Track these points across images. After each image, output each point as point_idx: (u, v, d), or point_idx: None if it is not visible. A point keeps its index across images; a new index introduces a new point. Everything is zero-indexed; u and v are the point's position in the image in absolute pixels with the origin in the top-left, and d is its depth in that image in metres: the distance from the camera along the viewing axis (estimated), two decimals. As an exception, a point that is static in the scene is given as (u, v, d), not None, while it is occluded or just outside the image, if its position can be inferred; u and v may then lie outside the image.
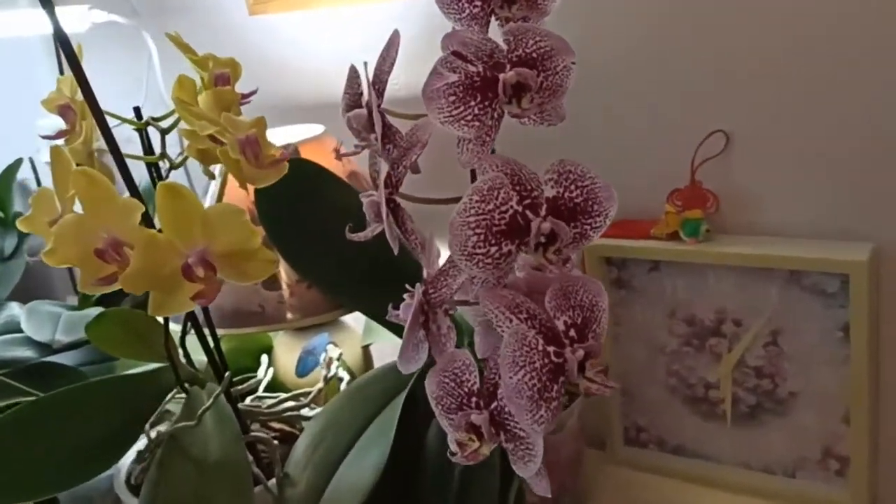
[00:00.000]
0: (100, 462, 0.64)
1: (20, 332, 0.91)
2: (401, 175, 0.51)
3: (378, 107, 0.52)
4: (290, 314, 0.81)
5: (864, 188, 0.76)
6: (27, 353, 0.88)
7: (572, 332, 0.46)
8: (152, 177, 0.64)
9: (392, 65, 0.53)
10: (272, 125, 0.91)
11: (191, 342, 0.70)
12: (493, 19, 0.51)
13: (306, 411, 0.76)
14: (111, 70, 1.16)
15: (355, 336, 0.94)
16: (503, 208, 0.45)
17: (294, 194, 0.70)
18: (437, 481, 0.66)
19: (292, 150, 0.51)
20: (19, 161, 1.16)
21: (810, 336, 0.79)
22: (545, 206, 0.45)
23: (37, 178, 1.17)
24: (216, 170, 0.59)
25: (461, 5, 0.49)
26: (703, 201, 0.81)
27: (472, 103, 0.46)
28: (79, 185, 0.45)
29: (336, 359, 0.81)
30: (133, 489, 0.72)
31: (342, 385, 0.82)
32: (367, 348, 0.95)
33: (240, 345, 0.89)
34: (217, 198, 0.52)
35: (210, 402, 0.63)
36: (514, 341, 0.45)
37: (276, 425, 0.78)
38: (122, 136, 0.63)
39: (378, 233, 0.53)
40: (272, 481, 0.65)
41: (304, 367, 0.90)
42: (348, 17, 1.00)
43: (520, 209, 0.45)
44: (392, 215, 0.51)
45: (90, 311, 0.91)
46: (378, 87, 0.53)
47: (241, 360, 0.90)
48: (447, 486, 0.64)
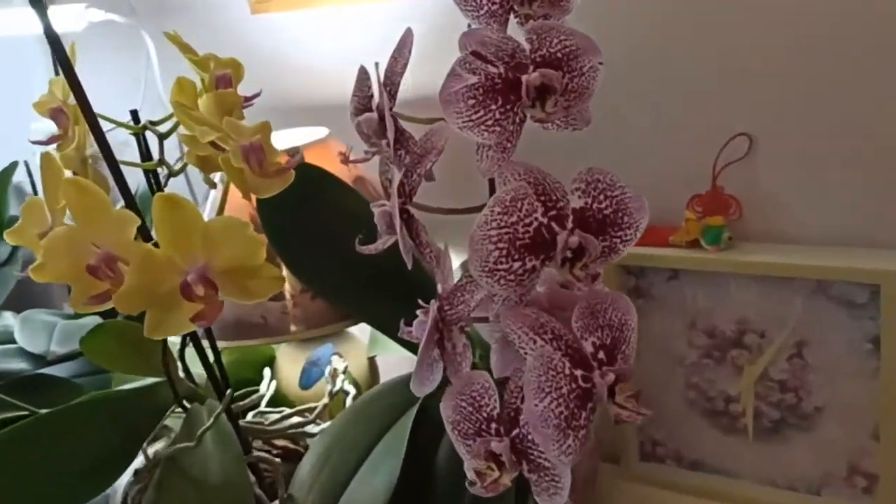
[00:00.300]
0: (96, 483, 0.62)
1: (13, 342, 0.88)
2: (415, 183, 0.48)
3: (390, 110, 0.49)
4: (293, 326, 0.77)
5: None
6: (20, 364, 0.86)
7: (601, 354, 0.43)
8: (150, 184, 0.61)
9: (405, 65, 0.50)
10: (274, 128, 0.88)
11: (191, 354, 0.66)
12: (512, 17, 0.48)
13: (311, 427, 0.73)
14: (108, 71, 1.13)
15: (361, 347, 0.91)
16: (527, 220, 0.42)
17: (298, 200, 0.67)
18: (448, 502, 0.63)
19: (299, 157, 0.48)
20: (14, 164, 1.13)
21: (837, 348, 0.76)
22: (572, 217, 0.42)
23: (32, 182, 1.14)
24: (217, 178, 0.56)
25: (479, 2, 0.46)
26: (725, 207, 0.78)
27: (493, 107, 0.43)
28: (70, 195, 0.42)
29: (342, 371, 0.78)
30: (130, 510, 0.69)
31: (348, 399, 0.79)
32: (373, 359, 0.92)
33: (241, 357, 0.86)
34: (218, 209, 0.49)
35: (210, 422, 0.60)
36: (540, 365, 0.41)
37: (279, 442, 0.75)
38: (120, 140, 0.60)
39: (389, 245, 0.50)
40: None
41: (308, 379, 0.87)
42: (353, 16, 0.97)
43: (545, 221, 0.42)
44: (405, 227, 0.48)
45: (87, 321, 0.88)
46: (390, 89, 0.50)
47: (243, 372, 0.87)
48: (460, 508, 0.61)
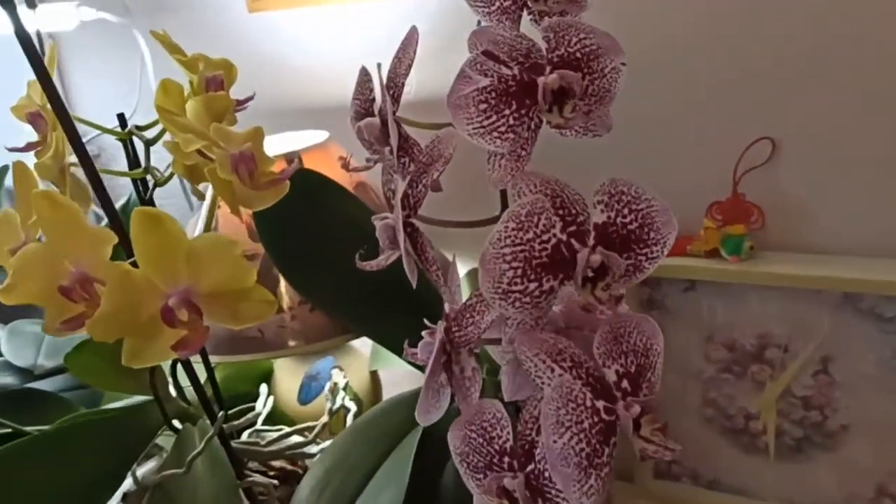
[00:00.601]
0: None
1: (0, 355, 0.84)
2: (420, 195, 0.44)
3: (394, 115, 0.45)
4: (291, 340, 0.74)
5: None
6: (7, 379, 0.82)
7: (625, 383, 0.40)
8: (139, 193, 0.58)
9: (409, 67, 0.47)
10: (272, 131, 0.84)
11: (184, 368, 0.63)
12: (525, 14, 0.44)
13: (310, 448, 0.69)
14: (102, 73, 1.10)
15: (362, 360, 0.87)
16: (544, 237, 0.38)
17: (296, 207, 0.64)
18: (455, 529, 0.59)
19: (295, 166, 0.44)
20: (6, 168, 1.10)
21: (865, 364, 0.73)
22: (594, 233, 0.39)
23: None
24: (207, 188, 0.52)
25: (490, -3, 0.42)
26: (747, 215, 0.75)
27: (507, 112, 0.40)
28: (41, 209, 0.38)
29: (343, 387, 0.74)
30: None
31: (349, 416, 0.75)
32: (375, 373, 0.88)
33: (238, 370, 0.82)
34: (205, 224, 0.45)
35: (201, 446, 0.56)
36: (558, 397, 0.38)
37: (276, 463, 0.71)
38: (111, 144, 0.56)
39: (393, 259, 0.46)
40: (271, 533, 0.58)
41: (307, 394, 0.83)
42: (355, 14, 0.94)
43: (564, 238, 0.39)
44: (409, 241, 0.44)
45: (77, 334, 0.84)
46: (393, 91, 0.46)
47: (239, 385, 0.83)
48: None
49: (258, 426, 0.73)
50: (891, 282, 0.68)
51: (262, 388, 0.74)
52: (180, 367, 0.62)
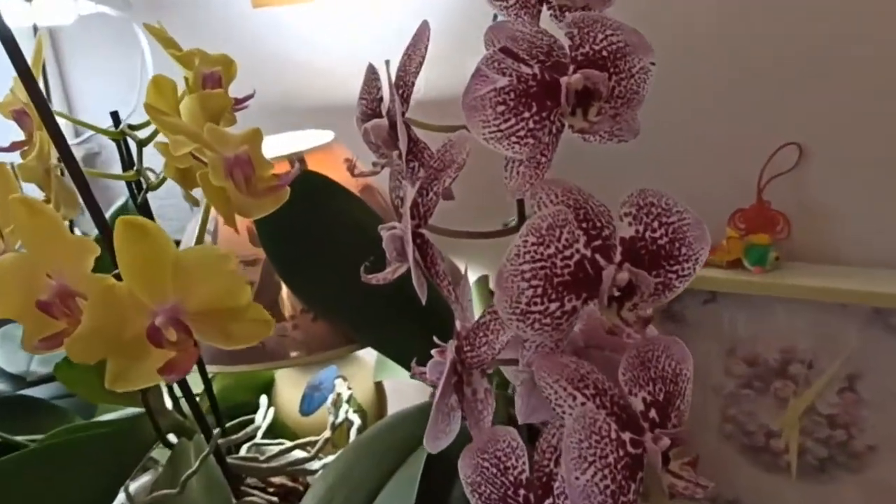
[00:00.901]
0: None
1: (-8, 361, 0.82)
2: (430, 203, 0.41)
3: (402, 117, 0.42)
4: (293, 351, 0.70)
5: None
6: (-2, 385, 0.79)
7: (652, 413, 0.37)
8: (133, 196, 0.54)
9: (420, 64, 0.43)
10: (275, 130, 0.81)
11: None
12: (545, 9, 0.41)
13: (312, 463, 0.66)
14: (101, 69, 1.07)
15: (367, 369, 0.84)
16: (567, 253, 0.35)
17: (299, 211, 0.61)
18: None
19: (296, 171, 0.41)
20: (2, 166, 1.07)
21: (895, 382, 0.69)
22: (620, 249, 0.35)
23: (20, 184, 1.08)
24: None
25: (508, -11, 0.39)
26: (772, 224, 0.72)
27: (526, 115, 0.37)
28: (19, 216, 0.35)
29: (346, 400, 0.71)
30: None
31: (353, 430, 0.72)
32: (380, 384, 0.85)
33: (237, 380, 0.79)
34: (198, 234, 0.42)
35: (196, 465, 0.53)
36: (581, 428, 0.35)
37: (276, 479, 0.68)
38: (112, 142, 0.54)
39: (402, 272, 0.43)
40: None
41: (309, 405, 0.80)
42: (361, 9, 0.91)
43: (588, 254, 0.35)
44: (419, 253, 0.41)
45: (71, 338, 0.82)
46: (403, 91, 0.43)
47: (239, 395, 0.80)
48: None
49: (257, 440, 0.69)
50: (924, 296, 0.65)
51: (262, 399, 0.71)
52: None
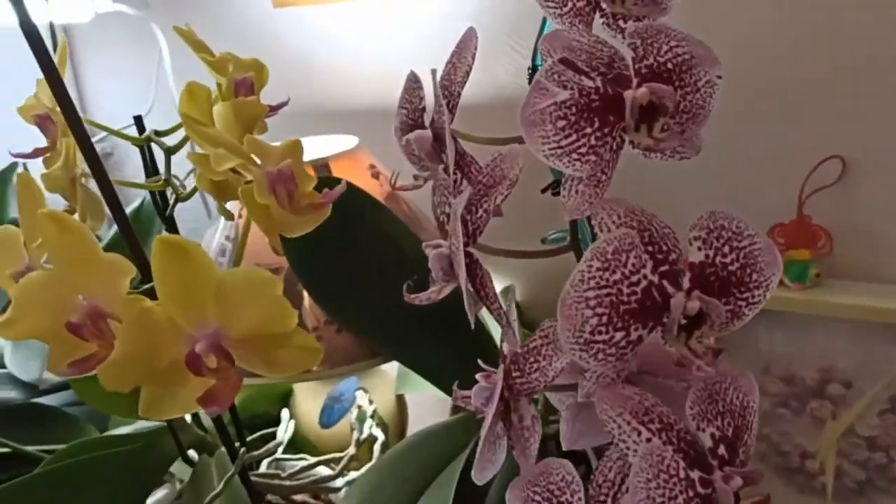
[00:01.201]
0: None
1: (3, 367, 0.79)
2: (480, 221, 0.39)
3: (450, 129, 0.40)
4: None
5: None
6: (10, 393, 0.77)
7: (721, 449, 0.35)
8: (156, 204, 0.52)
9: (467, 74, 0.41)
10: (296, 135, 0.79)
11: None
12: (598, 16, 0.39)
13: (336, 480, 0.64)
14: (117, 69, 1.05)
15: (388, 381, 0.82)
16: (633, 279, 0.33)
17: (327, 223, 0.59)
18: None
19: (342, 188, 0.38)
20: (14, 165, 1.05)
21: (939, 405, 0.67)
22: (689, 275, 0.33)
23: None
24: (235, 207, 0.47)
25: (564, -4, 0.37)
26: (813, 240, 0.70)
27: (588, 130, 0.34)
28: (48, 232, 0.33)
29: (370, 415, 0.69)
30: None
31: (376, 445, 0.70)
32: (401, 396, 0.83)
33: (257, 391, 0.77)
34: (236, 256, 0.39)
35: (220, 487, 0.50)
36: (649, 467, 0.32)
37: (297, 497, 0.66)
38: (124, 142, 0.51)
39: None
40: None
41: (329, 417, 0.78)
42: (387, 10, 0.88)
43: (655, 280, 0.33)
44: (468, 273, 0.38)
45: (85, 345, 0.80)
46: (449, 102, 0.41)
47: (258, 406, 0.78)
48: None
49: (278, 455, 0.67)
50: (973, 317, 0.63)
51: (284, 413, 0.69)
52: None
